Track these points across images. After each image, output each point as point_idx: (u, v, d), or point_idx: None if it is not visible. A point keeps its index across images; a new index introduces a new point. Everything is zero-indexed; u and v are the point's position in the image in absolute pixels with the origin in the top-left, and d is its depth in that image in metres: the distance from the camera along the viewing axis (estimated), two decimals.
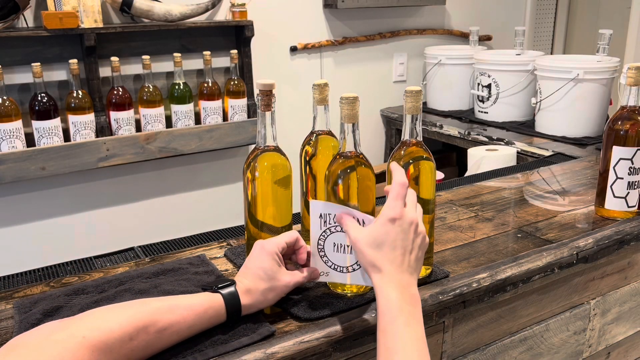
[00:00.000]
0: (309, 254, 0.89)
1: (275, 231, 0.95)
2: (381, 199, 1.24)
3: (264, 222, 0.95)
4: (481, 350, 1.07)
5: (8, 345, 0.64)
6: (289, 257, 0.91)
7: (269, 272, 0.84)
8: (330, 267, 0.87)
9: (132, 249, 1.15)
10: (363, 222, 0.84)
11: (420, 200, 0.91)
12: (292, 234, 0.89)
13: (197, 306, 0.79)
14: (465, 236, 1.17)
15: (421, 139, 0.92)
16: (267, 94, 0.89)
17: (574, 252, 1.11)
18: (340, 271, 0.87)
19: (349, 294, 0.91)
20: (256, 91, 0.91)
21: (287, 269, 0.87)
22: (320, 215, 0.85)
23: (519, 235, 1.18)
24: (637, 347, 1.41)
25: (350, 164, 0.86)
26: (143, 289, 0.93)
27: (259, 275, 0.84)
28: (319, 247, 0.87)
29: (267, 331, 0.82)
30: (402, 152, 0.91)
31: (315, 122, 1.00)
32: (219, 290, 0.82)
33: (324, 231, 0.86)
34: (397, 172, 0.82)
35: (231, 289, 0.82)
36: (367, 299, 0.91)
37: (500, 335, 1.10)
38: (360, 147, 0.88)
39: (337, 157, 0.87)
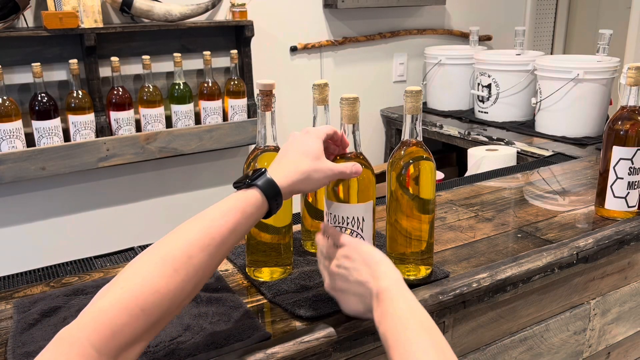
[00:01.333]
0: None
1: (275, 231, 0.95)
2: (381, 199, 1.24)
3: (264, 222, 0.95)
4: (481, 350, 1.07)
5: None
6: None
7: (317, 151, 0.80)
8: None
9: (132, 249, 1.15)
10: (363, 219, 0.86)
11: (420, 200, 0.91)
12: (329, 127, 0.85)
13: (233, 209, 0.74)
14: (465, 236, 1.17)
15: (421, 139, 0.92)
16: (267, 94, 0.90)
17: (574, 252, 1.11)
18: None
19: None
20: (256, 91, 0.91)
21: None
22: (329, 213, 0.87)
23: (519, 235, 1.18)
24: (637, 347, 1.41)
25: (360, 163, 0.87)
26: None
27: (302, 153, 0.79)
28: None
29: (263, 336, 0.82)
30: (402, 152, 0.91)
31: (315, 122, 1.00)
32: (252, 183, 0.77)
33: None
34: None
35: (264, 176, 0.77)
36: None
37: (500, 335, 1.10)
38: (361, 148, 0.88)
39: (338, 158, 0.88)
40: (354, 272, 0.79)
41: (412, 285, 0.95)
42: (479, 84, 2.36)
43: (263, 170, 0.79)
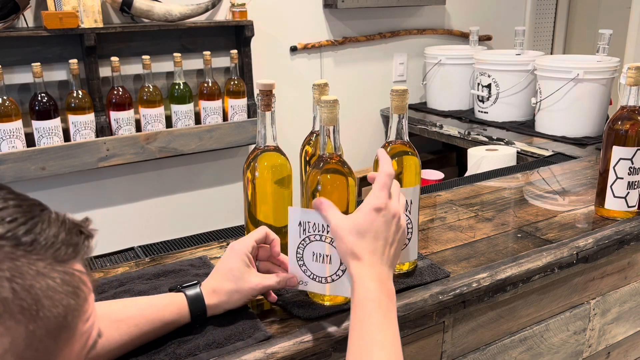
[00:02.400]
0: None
1: (275, 231, 0.95)
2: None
3: (264, 222, 0.95)
4: (481, 350, 1.07)
5: None
6: (267, 257, 0.89)
7: (236, 272, 0.83)
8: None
9: (132, 249, 1.15)
10: None
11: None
12: (260, 231, 0.86)
13: (157, 302, 0.80)
14: (465, 236, 1.17)
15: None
16: (267, 94, 0.89)
17: (574, 252, 1.11)
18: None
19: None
20: (256, 91, 0.91)
21: (264, 271, 0.87)
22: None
23: (519, 235, 1.18)
24: (637, 347, 1.41)
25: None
26: (142, 290, 0.93)
27: (226, 276, 0.83)
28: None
29: (263, 335, 0.82)
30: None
31: (315, 122, 1.00)
32: (182, 290, 0.82)
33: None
34: (385, 162, 0.80)
35: (195, 288, 0.83)
36: None
37: (500, 335, 1.10)
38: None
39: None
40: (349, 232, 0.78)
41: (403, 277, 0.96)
42: (478, 84, 2.36)
43: (197, 282, 0.84)
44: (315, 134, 1.02)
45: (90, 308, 0.52)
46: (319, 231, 0.83)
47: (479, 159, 1.89)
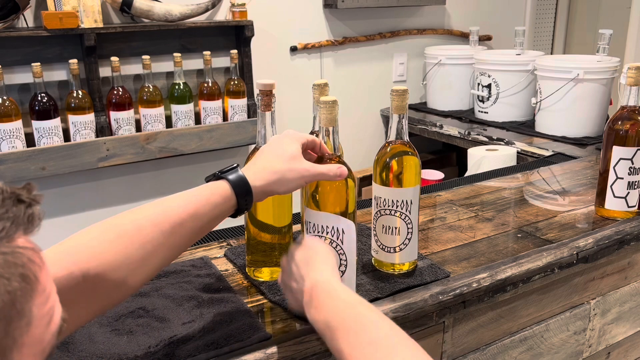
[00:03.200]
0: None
1: (275, 231, 0.95)
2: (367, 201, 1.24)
3: (264, 222, 0.95)
4: (481, 350, 1.07)
5: None
6: None
7: (294, 152, 0.77)
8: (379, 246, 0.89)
9: None
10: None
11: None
12: (310, 135, 0.83)
13: (197, 194, 0.73)
14: (465, 236, 1.17)
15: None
16: (267, 94, 0.89)
17: (574, 252, 1.11)
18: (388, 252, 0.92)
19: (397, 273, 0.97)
20: (256, 91, 0.91)
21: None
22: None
23: (519, 235, 1.18)
24: (637, 347, 1.41)
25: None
26: (144, 292, 0.93)
27: (277, 155, 0.77)
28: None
29: (263, 336, 0.82)
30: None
31: (315, 122, 1.00)
32: (223, 176, 0.76)
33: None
34: None
35: (236, 171, 0.76)
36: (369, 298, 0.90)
37: (500, 335, 1.10)
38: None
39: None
40: (296, 266, 0.77)
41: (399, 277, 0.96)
42: (479, 84, 2.36)
43: (235, 165, 0.78)
44: (314, 134, 1.02)
45: (46, 287, 0.45)
46: (318, 232, 0.84)
47: (479, 159, 1.89)
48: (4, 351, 0.41)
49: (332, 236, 0.84)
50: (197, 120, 2.10)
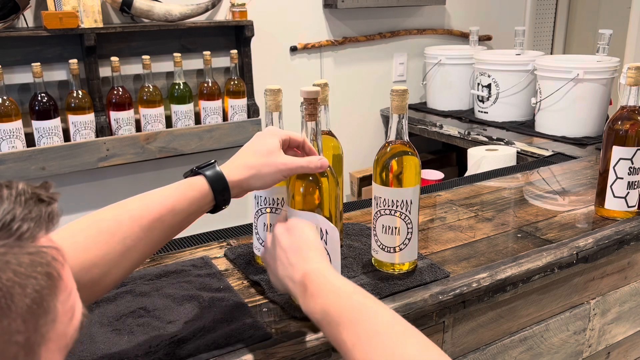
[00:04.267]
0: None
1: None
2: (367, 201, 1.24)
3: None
4: (481, 350, 1.07)
5: None
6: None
7: (270, 147, 0.78)
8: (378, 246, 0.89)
9: None
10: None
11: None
12: (292, 132, 0.83)
13: (174, 190, 0.74)
14: (465, 236, 1.17)
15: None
16: (312, 102, 0.83)
17: (574, 252, 1.11)
18: (388, 252, 0.92)
19: (396, 273, 0.97)
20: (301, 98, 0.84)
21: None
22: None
23: (519, 235, 1.18)
24: (637, 347, 1.41)
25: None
26: (144, 291, 0.93)
27: (255, 151, 0.78)
28: None
29: (263, 336, 0.82)
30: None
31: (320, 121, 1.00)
32: (200, 172, 0.77)
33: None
34: None
35: (213, 167, 0.77)
36: None
37: (500, 335, 1.10)
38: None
39: None
40: (282, 251, 0.76)
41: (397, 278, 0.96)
42: (478, 84, 2.36)
43: (213, 161, 0.78)
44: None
45: (68, 284, 0.46)
46: None
47: (479, 159, 1.89)
48: (33, 346, 0.42)
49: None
50: (197, 120, 2.11)
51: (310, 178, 0.84)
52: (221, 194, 0.76)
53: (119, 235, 0.69)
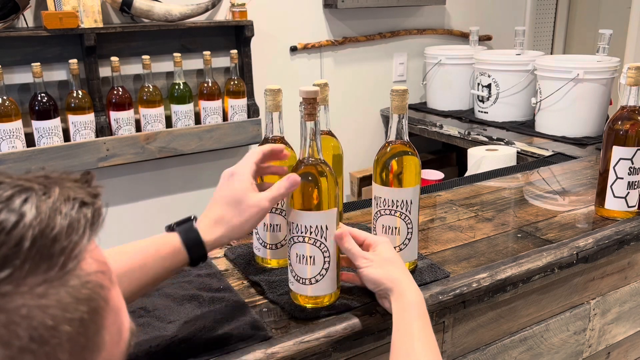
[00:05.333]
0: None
1: None
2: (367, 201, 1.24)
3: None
4: (481, 350, 1.07)
5: None
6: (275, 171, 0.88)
7: (237, 195, 0.76)
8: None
9: None
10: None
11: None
12: (255, 151, 0.82)
13: (147, 246, 0.73)
14: (465, 236, 1.17)
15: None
16: (310, 102, 0.82)
17: (574, 252, 1.11)
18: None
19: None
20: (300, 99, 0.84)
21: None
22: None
23: (519, 235, 1.18)
24: (637, 347, 1.41)
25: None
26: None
27: (225, 201, 0.76)
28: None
29: (263, 336, 0.82)
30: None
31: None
32: (176, 229, 0.76)
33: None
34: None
35: (189, 224, 0.76)
36: (364, 301, 0.90)
37: (500, 335, 1.10)
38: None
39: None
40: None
41: None
42: (479, 84, 2.36)
43: (191, 217, 0.78)
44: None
45: (115, 305, 0.43)
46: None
47: (479, 159, 1.89)
48: None
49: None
50: (197, 120, 2.11)
51: (310, 178, 0.83)
52: (195, 252, 0.75)
53: None
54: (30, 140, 1.82)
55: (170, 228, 0.77)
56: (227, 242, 0.79)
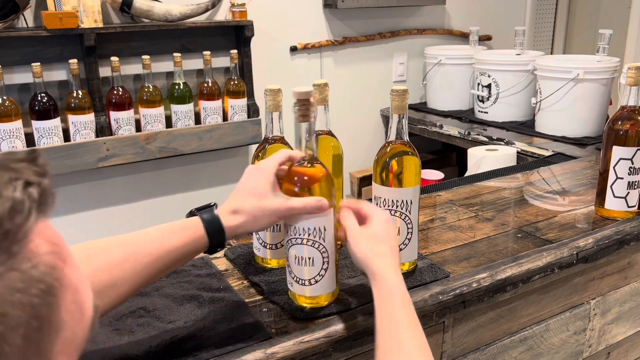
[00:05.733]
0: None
1: None
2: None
3: None
4: (481, 350, 1.07)
5: None
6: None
7: (261, 189, 0.78)
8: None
9: None
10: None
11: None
12: (282, 153, 0.83)
13: (171, 228, 0.75)
14: (465, 236, 1.17)
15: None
16: (304, 102, 0.83)
17: (574, 252, 1.11)
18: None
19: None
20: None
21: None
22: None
23: (519, 235, 1.18)
24: (637, 347, 1.41)
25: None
26: (144, 291, 0.93)
27: (248, 193, 0.79)
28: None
29: (263, 335, 0.82)
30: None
31: (315, 122, 1.00)
32: (198, 213, 0.78)
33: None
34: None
35: (211, 210, 0.78)
36: (364, 301, 0.90)
37: (500, 335, 1.10)
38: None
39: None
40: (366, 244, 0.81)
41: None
42: (479, 84, 2.36)
43: (213, 204, 0.80)
44: (315, 134, 1.01)
45: (72, 281, 0.42)
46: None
47: (479, 159, 1.89)
48: (45, 352, 0.39)
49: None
50: (197, 120, 2.11)
51: (305, 178, 0.83)
52: (216, 238, 0.77)
53: (129, 265, 0.71)
54: (30, 140, 1.82)
55: (191, 214, 0.79)
56: (243, 233, 0.80)
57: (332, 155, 1.04)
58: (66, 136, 1.88)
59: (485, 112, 2.36)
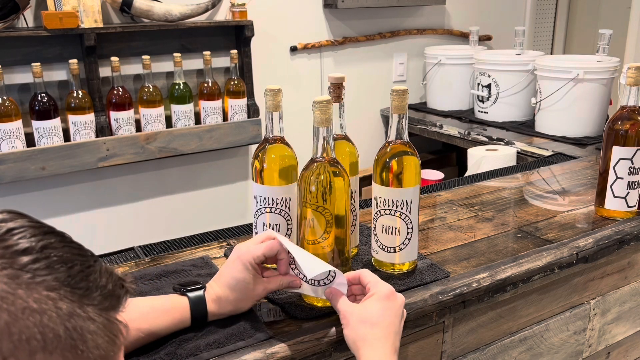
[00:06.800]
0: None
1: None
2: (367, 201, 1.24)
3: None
4: (481, 350, 1.07)
5: None
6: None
7: (242, 284, 0.83)
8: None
9: (132, 249, 1.15)
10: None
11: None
12: (273, 246, 0.84)
13: (160, 305, 0.81)
14: (465, 236, 1.17)
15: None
16: (338, 86, 0.95)
17: (574, 252, 1.11)
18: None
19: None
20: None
21: (265, 275, 0.86)
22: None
23: (519, 235, 1.18)
24: (637, 347, 1.41)
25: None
26: (144, 291, 0.93)
27: (230, 285, 0.83)
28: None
29: (263, 335, 0.82)
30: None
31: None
32: (187, 293, 0.83)
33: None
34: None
35: (199, 293, 0.83)
36: None
37: (500, 335, 1.10)
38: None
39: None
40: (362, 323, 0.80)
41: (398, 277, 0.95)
42: (478, 84, 2.36)
43: (202, 285, 0.84)
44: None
45: (121, 357, 0.54)
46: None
47: (479, 159, 1.89)
48: None
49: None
50: (197, 120, 2.11)
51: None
52: (199, 320, 0.83)
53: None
54: (30, 140, 1.82)
55: (181, 292, 0.84)
56: (223, 316, 0.85)
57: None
58: (66, 136, 1.88)
59: (485, 112, 2.36)
